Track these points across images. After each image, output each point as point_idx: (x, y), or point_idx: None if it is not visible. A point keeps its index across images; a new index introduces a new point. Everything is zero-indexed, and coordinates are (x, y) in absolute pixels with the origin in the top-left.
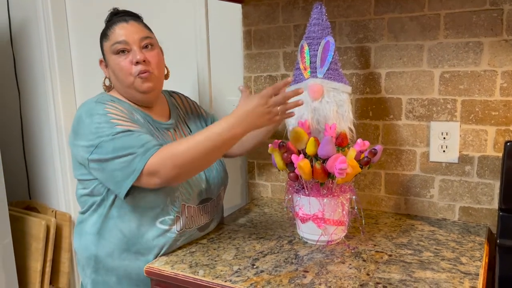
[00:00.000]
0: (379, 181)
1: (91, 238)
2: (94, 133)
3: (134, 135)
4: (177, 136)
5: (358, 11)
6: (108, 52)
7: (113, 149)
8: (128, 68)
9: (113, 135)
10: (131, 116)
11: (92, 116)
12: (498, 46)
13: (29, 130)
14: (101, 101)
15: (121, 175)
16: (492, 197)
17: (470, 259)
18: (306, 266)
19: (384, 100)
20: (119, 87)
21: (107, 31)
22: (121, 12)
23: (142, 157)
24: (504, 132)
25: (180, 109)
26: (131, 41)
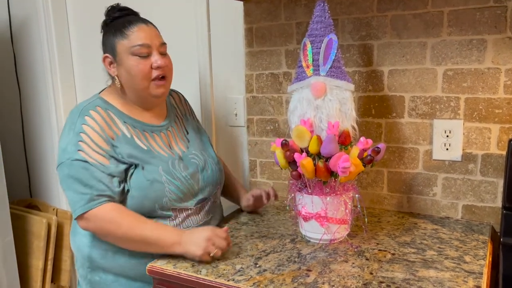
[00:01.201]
0: (382, 179)
1: (84, 239)
2: (62, 149)
3: (88, 171)
4: (171, 137)
5: (360, 8)
6: (125, 52)
7: (67, 176)
8: (148, 72)
9: (71, 160)
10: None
11: (69, 131)
12: (502, 44)
13: (30, 128)
14: (85, 113)
15: (70, 206)
16: (495, 195)
17: (473, 257)
18: (309, 265)
19: (386, 98)
20: (129, 88)
21: (123, 29)
22: (125, 8)
23: (84, 205)
24: (507, 130)
25: (178, 109)
26: (152, 45)
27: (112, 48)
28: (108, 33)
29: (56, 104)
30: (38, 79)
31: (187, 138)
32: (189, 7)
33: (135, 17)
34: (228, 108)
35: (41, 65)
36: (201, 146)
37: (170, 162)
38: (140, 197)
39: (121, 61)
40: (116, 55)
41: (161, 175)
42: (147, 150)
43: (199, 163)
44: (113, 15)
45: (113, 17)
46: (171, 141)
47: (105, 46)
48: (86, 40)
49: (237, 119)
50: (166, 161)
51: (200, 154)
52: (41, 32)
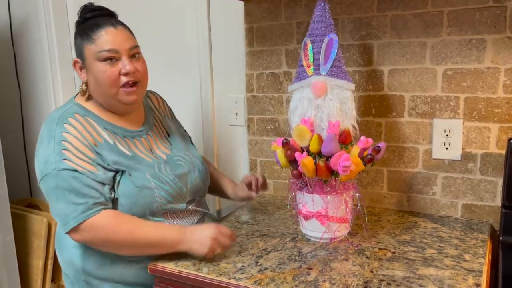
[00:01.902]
0: (382, 178)
1: (76, 252)
2: (44, 160)
3: (78, 180)
4: (151, 141)
5: (361, 8)
6: (92, 57)
7: (55, 188)
8: (115, 78)
9: (58, 170)
10: (93, 143)
11: (49, 140)
12: (501, 44)
13: (30, 128)
14: (63, 120)
15: (59, 219)
16: (494, 194)
17: (473, 256)
18: (310, 263)
19: (387, 97)
20: (98, 95)
21: (90, 33)
22: (97, 8)
23: (78, 216)
24: (507, 129)
25: (157, 111)
26: (121, 50)
27: (81, 53)
28: (77, 35)
29: (57, 103)
30: (38, 78)
31: (168, 141)
32: (189, 7)
33: (104, 19)
34: (228, 107)
35: (42, 64)
36: (184, 147)
37: (156, 167)
38: (130, 205)
39: (89, 67)
40: (84, 60)
41: (149, 180)
42: (132, 156)
43: (185, 164)
44: (84, 15)
45: (84, 18)
46: (152, 146)
47: (75, 50)
48: None
49: (238, 119)
50: (152, 166)
51: (185, 155)
52: (42, 32)
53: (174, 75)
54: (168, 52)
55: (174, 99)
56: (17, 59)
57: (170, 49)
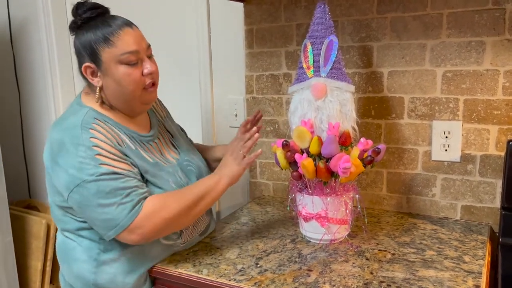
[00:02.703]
0: (381, 180)
1: (86, 266)
2: (76, 168)
3: (120, 180)
4: (161, 145)
5: (360, 10)
6: (113, 61)
7: (96, 193)
8: (141, 80)
9: (97, 176)
10: (119, 144)
11: (77, 147)
12: (500, 46)
13: (29, 130)
14: (86, 125)
15: (103, 225)
16: (494, 196)
17: (473, 257)
18: (310, 265)
19: (386, 99)
20: (116, 99)
21: (107, 35)
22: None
23: (128, 214)
24: (506, 131)
25: (158, 113)
26: (141, 50)
27: (95, 57)
28: (84, 37)
29: (56, 105)
30: (37, 80)
31: (175, 144)
32: (189, 8)
33: (114, 18)
34: (228, 109)
35: (41, 66)
36: (190, 149)
37: (176, 174)
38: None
39: (108, 71)
40: (100, 64)
41: (172, 188)
42: (154, 163)
43: (195, 169)
44: (84, 15)
45: (85, 18)
46: (163, 150)
47: (81, 53)
48: None
49: (237, 120)
50: (172, 173)
51: (192, 159)
52: (41, 33)
53: (174, 76)
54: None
55: (174, 100)
56: (16, 60)
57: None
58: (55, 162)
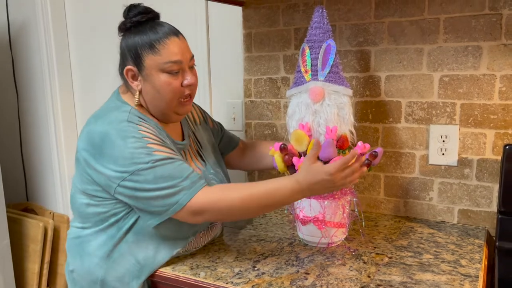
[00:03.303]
0: (379, 183)
1: (98, 261)
2: (129, 158)
3: (176, 164)
4: (189, 156)
5: (358, 14)
6: (155, 68)
7: (154, 178)
8: (180, 91)
9: (153, 162)
10: (164, 139)
11: (126, 139)
12: (497, 51)
13: (27, 132)
14: (133, 120)
15: (159, 207)
16: (490, 200)
17: (469, 261)
18: (307, 268)
19: (383, 103)
20: (153, 105)
21: (153, 42)
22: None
23: (188, 191)
24: (502, 136)
25: (190, 122)
26: (184, 61)
27: (138, 61)
28: (131, 41)
29: (54, 108)
30: (36, 83)
31: (202, 154)
32: (188, 12)
33: (163, 26)
34: (226, 112)
35: (40, 69)
36: (216, 163)
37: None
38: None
39: (148, 77)
40: (142, 69)
41: None
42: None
43: (218, 183)
44: (134, 18)
45: (134, 21)
46: (190, 160)
47: (126, 55)
48: (84, 44)
49: (235, 123)
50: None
51: (216, 172)
52: (40, 37)
53: None
54: None
55: None
56: (15, 63)
57: None
58: (98, 154)
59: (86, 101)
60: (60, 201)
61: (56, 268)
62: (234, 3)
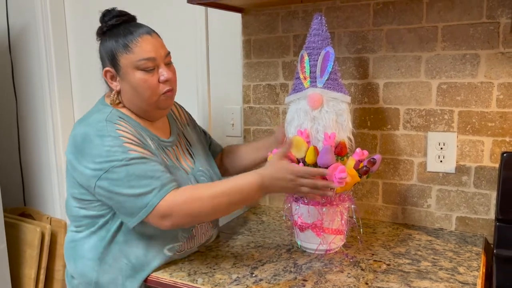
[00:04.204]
0: (377, 190)
1: (91, 263)
2: (104, 156)
3: (149, 164)
4: (178, 153)
5: (357, 22)
6: (130, 67)
7: (126, 176)
8: (156, 87)
9: (127, 160)
10: (143, 140)
11: (103, 138)
12: (494, 59)
13: (26, 137)
14: (111, 120)
15: (132, 207)
16: (488, 207)
17: (467, 269)
18: (305, 275)
19: (382, 110)
20: (133, 103)
21: (126, 41)
22: (122, 14)
23: (158, 193)
24: (500, 143)
25: (178, 121)
26: (158, 58)
27: (114, 62)
28: (107, 43)
29: (53, 113)
30: (35, 88)
31: (191, 152)
32: (188, 18)
33: (137, 26)
34: (225, 118)
35: (39, 74)
36: (207, 161)
37: (189, 181)
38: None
39: (125, 76)
40: (119, 69)
41: None
42: (172, 166)
43: (207, 180)
44: (109, 22)
45: (109, 25)
46: (179, 157)
47: (104, 57)
48: (84, 49)
49: (234, 129)
50: (186, 179)
51: (206, 171)
52: (39, 41)
53: None
54: None
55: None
56: (14, 68)
57: None
58: (80, 155)
59: (85, 107)
60: (57, 206)
61: (53, 274)
62: (234, 10)
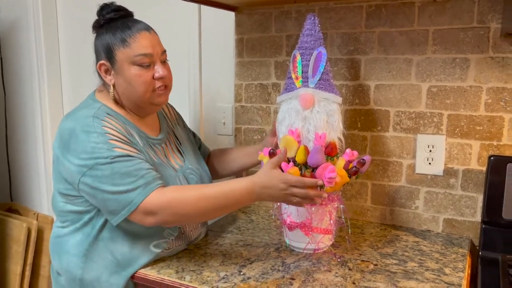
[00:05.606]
0: (366, 191)
1: (75, 260)
2: (89, 152)
3: (134, 162)
4: (167, 150)
5: (349, 23)
6: (126, 61)
7: (111, 174)
8: (151, 83)
9: (111, 158)
10: (129, 137)
11: (89, 134)
12: (484, 63)
13: (14, 133)
14: (98, 116)
15: (116, 205)
16: (475, 210)
17: (453, 270)
18: (293, 274)
19: (372, 111)
20: (127, 98)
21: (124, 35)
22: (121, 8)
23: (142, 191)
24: (488, 147)
25: (169, 119)
26: (155, 54)
27: (110, 55)
28: (104, 37)
29: (42, 109)
30: (24, 83)
31: (181, 151)
32: (181, 16)
33: (135, 22)
34: (216, 116)
35: (29, 69)
36: (196, 159)
37: (178, 178)
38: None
39: (120, 70)
40: (114, 62)
41: None
42: (159, 163)
43: (197, 179)
44: (107, 15)
45: (107, 18)
46: (168, 155)
47: (99, 50)
48: (75, 45)
49: (225, 128)
50: (174, 176)
51: (196, 169)
52: (30, 37)
53: None
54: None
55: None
56: (4, 62)
57: None
58: (65, 149)
59: (74, 102)
60: (44, 202)
61: (39, 270)
62: (227, 9)
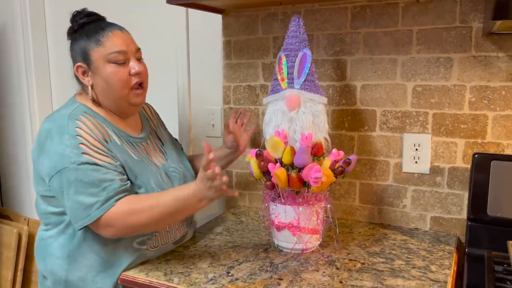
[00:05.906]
0: (354, 190)
1: (60, 262)
2: (59, 155)
3: (100, 172)
4: (149, 149)
5: (335, 25)
6: (101, 60)
7: (75, 181)
8: (127, 80)
9: (77, 164)
10: (104, 139)
11: (62, 135)
12: (467, 62)
13: (3, 136)
14: (74, 117)
15: (74, 214)
16: (461, 207)
17: (439, 267)
18: (281, 274)
19: (359, 111)
20: (106, 97)
21: (97, 36)
22: (92, 13)
23: (101, 207)
24: (472, 145)
25: (151, 120)
26: (129, 51)
27: (85, 56)
28: (78, 40)
29: (31, 112)
30: (13, 85)
31: (163, 150)
32: (169, 20)
33: (107, 23)
34: (205, 118)
35: (17, 71)
36: (179, 159)
37: (159, 175)
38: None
39: (97, 70)
40: (90, 63)
41: (153, 188)
42: (139, 161)
43: (179, 176)
44: (80, 21)
45: (80, 23)
46: (150, 154)
47: (75, 55)
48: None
49: (214, 130)
50: (155, 173)
51: (178, 167)
52: (17, 39)
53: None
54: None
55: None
56: None
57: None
58: (41, 150)
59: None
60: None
61: (30, 276)
62: (214, 11)
